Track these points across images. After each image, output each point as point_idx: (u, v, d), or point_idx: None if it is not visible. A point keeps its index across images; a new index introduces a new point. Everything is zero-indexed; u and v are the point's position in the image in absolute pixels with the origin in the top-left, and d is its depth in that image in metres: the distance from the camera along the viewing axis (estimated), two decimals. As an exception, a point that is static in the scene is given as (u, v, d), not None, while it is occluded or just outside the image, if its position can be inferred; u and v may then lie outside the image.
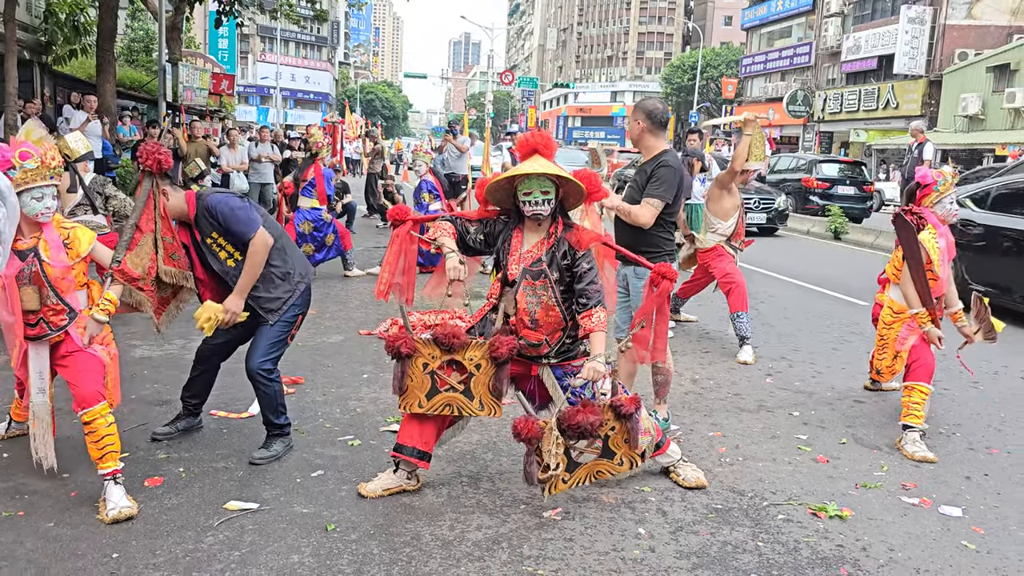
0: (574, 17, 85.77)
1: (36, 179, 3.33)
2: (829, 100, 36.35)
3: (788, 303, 8.85)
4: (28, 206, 3.35)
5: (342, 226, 9.26)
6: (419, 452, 3.66)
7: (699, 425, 4.86)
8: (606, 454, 3.64)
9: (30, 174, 3.31)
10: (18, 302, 3.35)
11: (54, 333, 3.49)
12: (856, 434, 4.82)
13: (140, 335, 6.25)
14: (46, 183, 3.36)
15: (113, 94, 13.97)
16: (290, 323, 4.03)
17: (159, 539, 3.22)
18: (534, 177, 3.51)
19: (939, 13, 30.63)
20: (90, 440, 3.44)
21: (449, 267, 3.52)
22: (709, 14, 70.07)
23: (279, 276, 3.94)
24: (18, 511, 3.41)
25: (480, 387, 3.59)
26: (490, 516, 3.56)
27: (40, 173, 3.34)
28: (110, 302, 3.56)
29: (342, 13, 74.89)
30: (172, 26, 17.36)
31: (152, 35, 23.38)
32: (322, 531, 3.35)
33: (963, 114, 28.00)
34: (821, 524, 3.62)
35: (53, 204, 3.42)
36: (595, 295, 3.52)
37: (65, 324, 3.50)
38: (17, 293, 3.35)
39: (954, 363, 6.17)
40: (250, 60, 62.97)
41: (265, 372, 3.95)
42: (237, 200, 3.86)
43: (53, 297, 3.47)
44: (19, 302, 3.35)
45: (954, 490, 4.06)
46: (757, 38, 45.87)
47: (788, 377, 5.98)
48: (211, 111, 19.73)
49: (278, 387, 4.04)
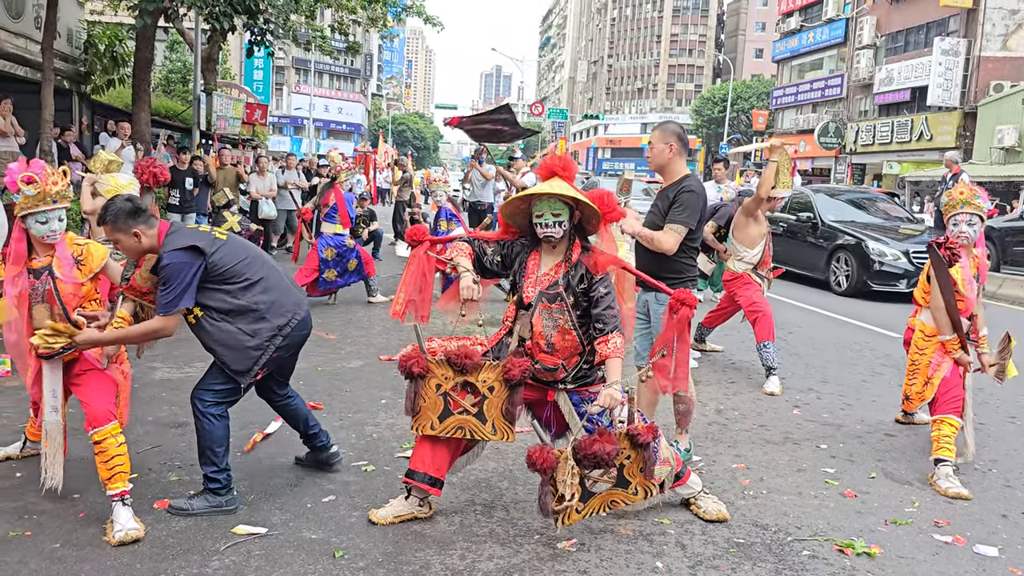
0: (604, 50, 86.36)
1: (38, 204, 3.37)
2: (861, 132, 36.03)
3: (817, 334, 8.66)
4: (33, 229, 3.40)
5: (366, 252, 9.29)
6: (431, 479, 3.58)
7: (722, 456, 4.72)
8: (620, 483, 3.53)
9: (31, 200, 3.35)
10: (28, 321, 3.35)
11: (65, 352, 3.48)
12: (886, 468, 4.65)
13: (161, 357, 6.26)
14: (49, 208, 3.39)
15: (148, 122, 14.23)
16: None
17: (164, 562, 3.16)
18: (546, 199, 3.46)
19: (973, 45, 30.35)
20: (100, 460, 3.41)
21: (463, 287, 3.46)
22: (740, 47, 70.20)
23: (239, 347, 3.56)
24: (26, 531, 3.38)
25: (493, 410, 3.51)
26: (503, 546, 3.46)
27: (40, 199, 3.38)
28: (124, 320, 3.56)
29: (375, 46, 76.02)
30: (208, 56, 17.71)
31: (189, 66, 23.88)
32: (330, 558, 3.27)
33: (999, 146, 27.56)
34: (848, 561, 3.47)
35: (60, 226, 3.46)
36: (612, 320, 3.44)
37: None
38: (28, 312, 3.35)
39: (990, 397, 5.98)
40: (285, 91, 64.07)
41: (200, 403, 3.60)
42: (185, 274, 3.40)
43: (64, 316, 3.47)
44: (30, 321, 3.35)
45: (990, 528, 3.88)
46: (788, 70, 45.73)
47: (816, 409, 5.81)
48: (244, 140, 20.04)
49: (214, 428, 3.59)
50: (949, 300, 4.53)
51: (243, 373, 3.60)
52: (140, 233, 3.40)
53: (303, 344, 3.88)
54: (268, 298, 3.63)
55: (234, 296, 3.54)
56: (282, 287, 3.74)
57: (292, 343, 3.75)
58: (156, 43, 15.00)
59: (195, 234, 3.52)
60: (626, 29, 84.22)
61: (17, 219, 3.43)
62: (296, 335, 3.74)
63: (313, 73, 59.48)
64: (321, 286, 8.81)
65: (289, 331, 3.69)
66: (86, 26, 15.87)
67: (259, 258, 3.73)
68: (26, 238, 3.48)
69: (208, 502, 3.61)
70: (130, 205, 3.39)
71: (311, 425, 4.13)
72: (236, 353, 3.56)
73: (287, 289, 3.77)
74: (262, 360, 3.62)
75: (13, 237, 3.42)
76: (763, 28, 66.73)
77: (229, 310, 3.54)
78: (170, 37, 28.68)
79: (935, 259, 4.61)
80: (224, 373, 3.61)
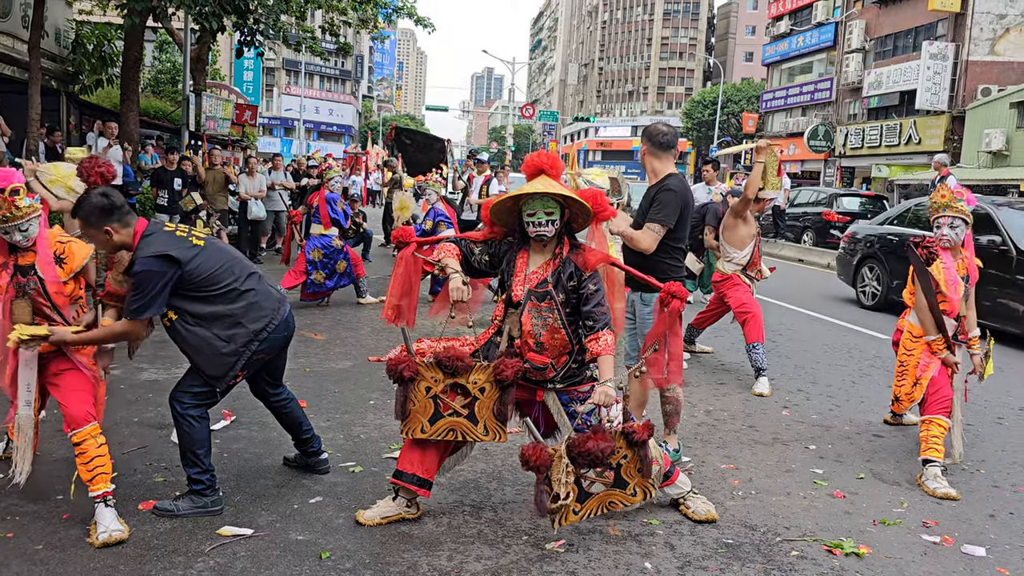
0: (595, 52, 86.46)
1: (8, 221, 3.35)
2: (850, 135, 36.19)
3: (806, 335, 8.68)
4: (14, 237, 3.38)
5: (355, 254, 9.25)
6: (419, 480, 3.56)
7: (711, 457, 4.72)
8: (619, 484, 3.51)
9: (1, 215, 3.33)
10: (8, 316, 3.31)
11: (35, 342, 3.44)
12: (875, 469, 4.65)
13: (148, 359, 6.21)
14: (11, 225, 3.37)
15: (136, 122, 14.15)
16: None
17: (148, 564, 3.13)
18: (538, 197, 3.44)
19: (961, 49, 30.52)
20: (80, 461, 3.37)
21: (452, 288, 3.44)
22: (730, 50, 70.42)
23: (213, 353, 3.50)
24: (7, 532, 3.33)
25: (484, 411, 3.49)
26: (491, 547, 3.44)
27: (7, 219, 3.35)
28: None
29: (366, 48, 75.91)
30: (197, 56, 17.62)
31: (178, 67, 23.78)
32: (316, 559, 3.24)
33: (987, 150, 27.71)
34: (836, 562, 3.46)
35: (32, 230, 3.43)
36: (602, 317, 3.43)
37: None
38: (8, 307, 3.31)
39: (977, 398, 6.00)
40: (275, 93, 63.85)
41: (179, 404, 3.55)
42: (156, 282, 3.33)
43: (55, 314, 3.44)
44: (9, 316, 3.32)
45: (978, 529, 3.89)
46: (778, 74, 45.88)
47: (805, 410, 5.81)
48: (233, 141, 19.95)
49: (194, 430, 3.55)
50: (931, 300, 4.58)
51: (218, 378, 3.55)
52: (112, 231, 3.34)
53: (287, 344, 3.84)
54: (244, 303, 3.55)
55: (209, 303, 3.47)
56: (261, 290, 3.66)
57: (273, 345, 3.69)
58: (145, 43, 14.92)
59: (171, 239, 3.43)
60: (617, 32, 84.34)
61: None
62: (276, 337, 3.68)
63: (303, 74, 59.25)
64: (310, 288, 8.77)
65: (267, 335, 3.62)
66: (74, 25, 15.79)
67: (238, 262, 3.65)
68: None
69: (193, 503, 3.57)
70: (104, 201, 3.31)
71: (304, 430, 4.08)
72: (210, 359, 3.51)
73: (266, 292, 3.69)
74: (238, 365, 3.56)
75: None
76: (753, 32, 66.99)
77: (204, 315, 3.47)
78: (159, 37, 28.55)
79: (914, 258, 4.65)
80: (201, 376, 3.57)
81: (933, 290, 4.56)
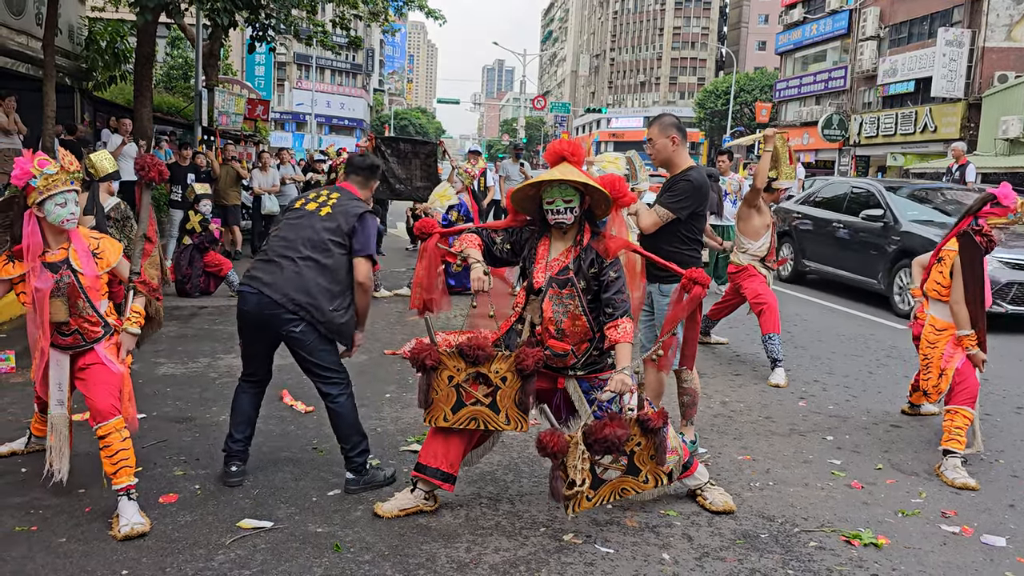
0: (607, 43, 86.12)
1: (57, 184, 3.33)
2: (865, 124, 35.89)
3: (822, 325, 8.63)
4: (53, 214, 3.35)
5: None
6: (443, 474, 3.56)
7: (728, 448, 4.71)
8: (631, 471, 3.52)
9: (51, 179, 3.31)
10: (48, 315, 3.34)
11: (89, 345, 3.48)
12: (893, 459, 4.63)
13: (166, 353, 6.26)
14: (67, 188, 3.36)
15: (150, 118, 14.20)
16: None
17: (169, 556, 3.16)
18: (556, 185, 3.44)
19: (978, 36, 30.17)
20: (104, 455, 3.41)
21: (473, 277, 3.45)
22: (743, 39, 69.92)
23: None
24: (31, 526, 3.37)
25: (506, 400, 3.49)
26: (509, 539, 3.45)
27: (60, 178, 3.34)
28: (139, 314, 3.56)
29: (377, 41, 75.86)
30: (209, 52, 17.67)
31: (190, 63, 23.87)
32: (334, 551, 3.26)
33: (1003, 137, 27.41)
34: (855, 552, 3.45)
35: (77, 210, 3.42)
36: (622, 305, 3.43)
37: (100, 336, 3.50)
38: (47, 306, 3.33)
39: (996, 389, 5.96)
40: (286, 87, 63.97)
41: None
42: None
43: (89, 308, 3.46)
44: (48, 315, 3.34)
45: (997, 519, 3.87)
46: (791, 62, 45.53)
47: (822, 401, 5.79)
48: (246, 136, 20.01)
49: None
50: (979, 294, 4.43)
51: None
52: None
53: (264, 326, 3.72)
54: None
55: None
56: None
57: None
58: (157, 39, 14.97)
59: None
60: (628, 22, 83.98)
61: (31, 210, 3.39)
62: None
63: (315, 68, 59.40)
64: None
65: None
66: (87, 22, 15.83)
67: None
68: (39, 231, 3.43)
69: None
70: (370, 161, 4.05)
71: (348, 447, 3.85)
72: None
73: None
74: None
75: (27, 231, 3.38)
76: (766, 20, 66.48)
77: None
78: (171, 33, 28.66)
79: (972, 248, 4.45)
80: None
81: (983, 282, 4.43)
